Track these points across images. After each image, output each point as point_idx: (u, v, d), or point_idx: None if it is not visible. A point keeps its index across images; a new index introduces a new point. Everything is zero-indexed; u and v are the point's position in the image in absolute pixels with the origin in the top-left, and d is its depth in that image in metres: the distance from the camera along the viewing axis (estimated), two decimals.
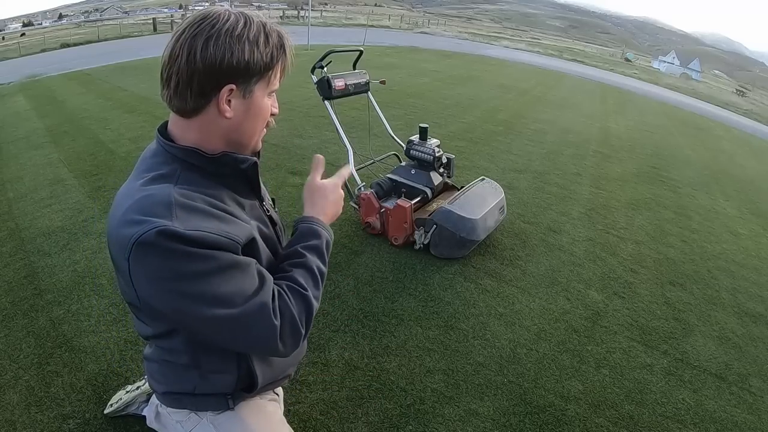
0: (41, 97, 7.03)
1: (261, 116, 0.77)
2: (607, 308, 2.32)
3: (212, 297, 0.66)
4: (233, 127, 0.74)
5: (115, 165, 3.72)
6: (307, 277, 0.80)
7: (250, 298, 0.69)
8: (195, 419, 0.91)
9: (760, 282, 2.86)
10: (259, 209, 0.87)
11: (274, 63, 0.73)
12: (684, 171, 5.32)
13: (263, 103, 0.76)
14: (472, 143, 4.96)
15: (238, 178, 0.80)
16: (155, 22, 24.87)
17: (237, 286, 0.68)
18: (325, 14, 42.35)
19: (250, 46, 0.68)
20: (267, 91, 0.75)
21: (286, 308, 0.73)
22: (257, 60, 0.70)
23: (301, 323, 0.75)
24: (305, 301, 0.77)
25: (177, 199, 0.66)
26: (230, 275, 0.67)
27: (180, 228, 0.63)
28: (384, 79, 3.40)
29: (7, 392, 1.55)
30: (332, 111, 2.74)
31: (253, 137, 0.79)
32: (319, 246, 0.84)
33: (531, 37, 54.43)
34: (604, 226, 3.28)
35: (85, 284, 2.17)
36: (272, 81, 0.75)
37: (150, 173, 0.72)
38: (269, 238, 0.86)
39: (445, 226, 2.45)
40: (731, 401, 1.82)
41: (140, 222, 0.63)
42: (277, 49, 0.72)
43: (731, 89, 42.51)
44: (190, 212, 0.67)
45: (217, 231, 0.67)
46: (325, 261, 0.85)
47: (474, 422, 1.58)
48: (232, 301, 0.67)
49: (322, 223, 0.87)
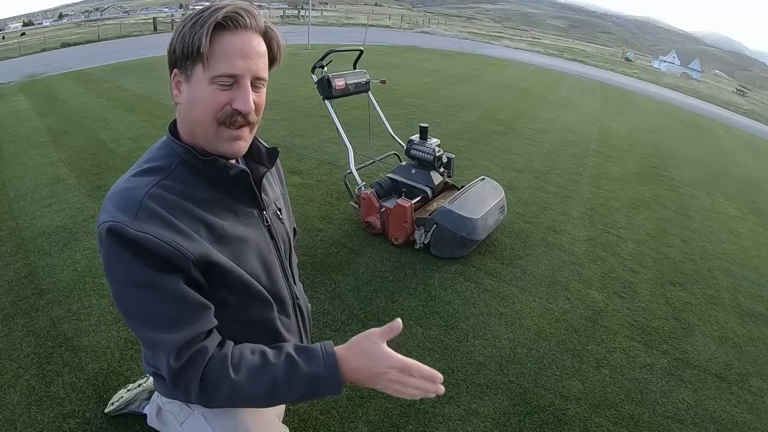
0: (41, 97, 7.03)
1: (202, 104, 0.71)
2: (607, 308, 2.32)
3: (131, 304, 0.69)
4: (183, 114, 0.76)
5: (116, 164, 3.72)
6: (256, 372, 0.70)
7: (161, 329, 0.68)
8: (187, 411, 0.93)
9: (760, 282, 2.86)
10: (258, 218, 0.85)
11: (197, 41, 0.67)
12: (684, 171, 5.32)
13: (202, 90, 0.70)
14: (472, 143, 4.96)
15: (232, 184, 0.79)
16: (155, 22, 24.87)
17: (152, 306, 0.68)
18: (325, 14, 42.35)
19: (181, 29, 0.70)
20: (207, 75, 0.69)
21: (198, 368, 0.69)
22: (182, 42, 0.69)
23: (204, 389, 0.69)
24: (226, 381, 0.69)
25: (145, 201, 0.68)
26: (152, 293, 0.68)
27: (130, 228, 0.65)
28: (384, 78, 3.40)
29: (7, 392, 1.55)
30: (332, 110, 2.74)
31: (200, 128, 0.73)
32: (308, 378, 0.70)
33: (531, 37, 54.39)
34: (604, 226, 3.28)
35: (85, 284, 2.17)
36: (210, 65, 0.69)
37: (147, 164, 0.76)
38: (262, 249, 0.85)
39: (445, 225, 2.45)
40: (731, 401, 1.82)
41: (104, 212, 0.68)
42: (202, 27, 0.67)
43: (731, 89, 42.48)
44: (152, 216, 0.68)
45: (167, 240, 0.67)
46: (292, 392, 0.71)
47: (474, 422, 1.58)
48: (142, 318, 0.70)
49: (339, 375, 0.71)
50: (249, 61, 0.71)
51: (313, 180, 3.51)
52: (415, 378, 0.68)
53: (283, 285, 0.92)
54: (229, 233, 0.77)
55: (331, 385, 0.70)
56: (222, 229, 0.76)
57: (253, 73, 0.72)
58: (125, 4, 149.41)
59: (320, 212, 2.99)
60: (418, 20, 49.56)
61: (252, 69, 0.71)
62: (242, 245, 0.80)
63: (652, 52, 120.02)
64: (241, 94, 0.71)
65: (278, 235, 0.91)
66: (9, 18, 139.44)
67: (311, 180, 3.51)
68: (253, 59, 0.71)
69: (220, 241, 0.75)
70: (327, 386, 0.70)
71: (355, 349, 0.71)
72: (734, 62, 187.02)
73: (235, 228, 0.79)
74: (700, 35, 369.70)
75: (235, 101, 0.71)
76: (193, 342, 0.69)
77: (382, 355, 0.69)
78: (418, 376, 0.68)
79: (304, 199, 3.15)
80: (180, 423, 0.93)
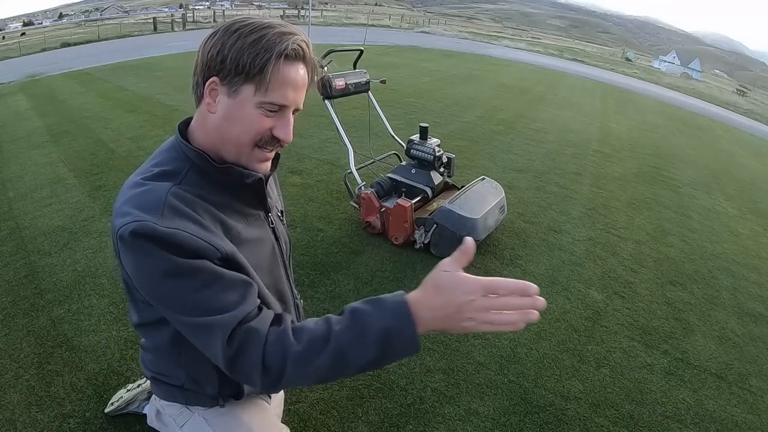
0: (41, 97, 7.03)
1: (243, 124, 0.70)
2: (607, 308, 2.32)
3: (171, 298, 0.66)
4: (215, 125, 0.73)
5: (116, 164, 3.71)
6: (319, 340, 0.63)
7: (208, 313, 0.64)
8: (187, 414, 0.93)
9: (760, 282, 2.86)
10: (264, 220, 0.86)
11: (259, 65, 0.66)
12: (684, 171, 5.32)
13: (247, 110, 0.69)
14: (472, 143, 4.96)
15: (244, 190, 0.80)
16: (155, 22, 24.83)
17: (193, 293, 0.65)
18: (325, 14, 42.33)
19: (240, 43, 0.67)
20: (256, 99, 0.69)
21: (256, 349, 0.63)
22: (237, 57, 0.66)
23: (267, 372, 0.63)
24: (289, 357, 0.63)
25: (169, 200, 0.67)
26: (190, 280, 0.65)
27: (159, 225, 0.64)
28: (384, 78, 3.40)
29: (7, 391, 1.55)
30: (332, 110, 2.74)
31: (234, 146, 0.73)
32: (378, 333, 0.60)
33: (531, 37, 54.39)
34: (604, 226, 3.28)
35: (85, 283, 2.17)
36: (265, 91, 0.68)
37: (158, 168, 0.74)
38: (270, 251, 0.86)
39: (445, 225, 2.45)
40: (731, 401, 1.82)
41: (126, 214, 0.66)
42: (265, 52, 0.66)
43: (732, 89, 42.49)
44: (178, 214, 0.67)
45: (197, 234, 0.66)
46: (363, 353, 0.61)
47: (474, 422, 1.58)
48: (186, 308, 0.66)
49: (413, 326, 0.60)
50: (298, 93, 0.72)
51: (313, 180, 3.51)
52: (505, 297, 0.57)
53: (286, 284, 0.93)
54: (243, 235, 0.78)
55: (405, 339, 0.60)
56: (237, 231, 0.76)
57: (297, 105, 0.73)
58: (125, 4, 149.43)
59: (320, 212, 2.99)
60: (418, 20, 49.57)
61: (297, 101, 0.72)
62: (256, 247, 0.81)
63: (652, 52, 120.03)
64: (284, 123, 0.72)
65: (281, 236, 0.92)
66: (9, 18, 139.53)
67: (311, 180, 3.51)
68: (301, 92, 0.72)
69: (236, 243, 0.75)
70: (400, 341, 0.60)
71: (428, 286, 0.60)
72: (734, 62, 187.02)
73: (247, 230, 0.80)
74: (700, 35, 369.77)
75: (278, 129, 0.72)
76: (245, 321, 0.65)
77: (459, 281, 0.57)
78: (505, 293, 0.57)
79: (304, 199, 3.15)
80: (180, 426, 0.93)
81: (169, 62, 9.90)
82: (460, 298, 0.57)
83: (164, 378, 0.90)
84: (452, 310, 0.58)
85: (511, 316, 0.57)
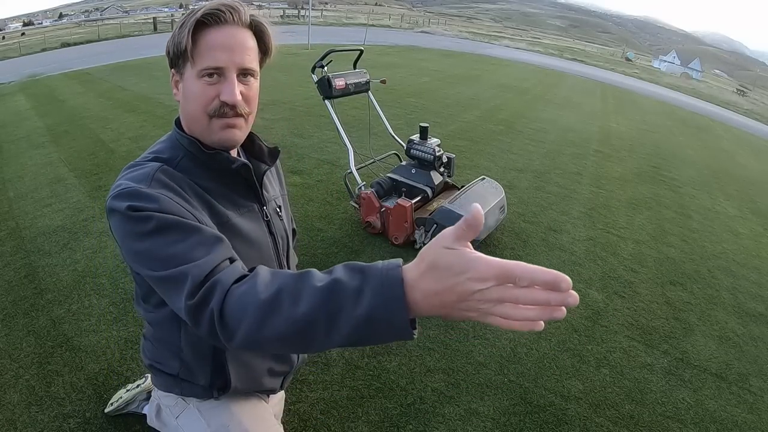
0: (41, 97, 7.03)
1: (193, 99, 0.74)
2: (607, 308, 2.32)
3: (147, 253, 0.66)
4: (182, 110, 0.79)
5: (116, 164, 3.71)
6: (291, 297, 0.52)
7: (178, 265, 0.62)
8: (182, 405, 0.94)
9: (760, 282, 2.86)
10: (258, 213, 0.87)
11: (184, 41, 0.70)
12: (684, 170, 5.32)
13: (192, 86, 0.73)
14: (472, 142, 4.96)
15: (234, 178, 0.82)
16: (155, 21, 24.87)
17: (171, 248, 0.64)
18: (325, 14, 42.34)
19: (174, 31, 0.73)
20: (195, 71, 0.72)
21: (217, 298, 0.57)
22: (173, 43, 0.73)
23: (224, 323, 0.56)
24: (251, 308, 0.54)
25: (157, 174, 0.71)
26: (165, 235, 0.65)
27: (144, 189, 0.67)
28: (384, 78, 3.40)
29: (7, 391, 1.55)
30: (333, 110, 2.74)
31: (196, 123, 0.76)
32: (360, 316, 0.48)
33: (531, 37, 54.39)
34: (604, 226, 3.28)
35: (85, 283, 2.17)
36: (196, 60, 0.71)
37: (153, 154, 0.78)
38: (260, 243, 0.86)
39: (445, 225, 2.43)
40: (731, 401, 1.82)
41: (116, 186, 0.70)
42: (184, 26, 0.71)
43: (732, 89, 42.48)
44: (164, 186, 0.71)
45: (179, 203, 0.69)
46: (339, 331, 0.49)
47: (474, 421, 1.58)
48: (159, 262, 0.64)
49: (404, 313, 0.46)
50: (233, 53, 0.72)
51: (313, 180, 3.51)
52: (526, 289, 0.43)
53: None
54: (231, 222, 0.80)
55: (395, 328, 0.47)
56: (226, 216, 0.79)
57: (238, 65, 0.73)
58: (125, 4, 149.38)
59: (320, 212, 2.99)
60: (418, 20, 49.56)
61: (236, 61, 0.72)
62: (242, 236, 0.82)
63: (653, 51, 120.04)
64: (226, 86, 0.72)
65: (277, 232, 0.93)
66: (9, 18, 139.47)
67: (311, 180, 3.51)
68: (237, 51, 0.72)
69: (223, 227, 0.76)
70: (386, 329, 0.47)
71: (424, 264, 0.46)
72: (734, 62, 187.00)
73: (236, 219, 0.81)
74: (701, 35, 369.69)
75: (222, 93, 0.72)
76: (213, 273, 0.61)
77: (467, 264, 0.43)
78: (529, 284, 0.43)
79: (304, 199, 3.15)
80: (175, 417, 0.95)
81: None
82: (465, 286, 0.43)
83: (161, 366, 0.93)
84: (451, 298, 0.44)
85: (531, 311, 0.43)
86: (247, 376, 0.92)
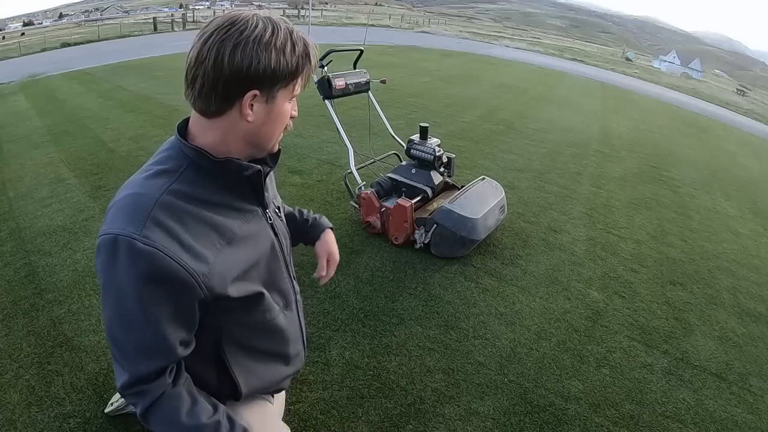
0: (42, 97, 7.04)
1: (281, 121, 0.78)
2: (607, 308, 2.32)
3: (117, 311, 0.71)
4: (253, 131, 0.76)
5: (116, 164, 3.71)
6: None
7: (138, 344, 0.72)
8: None
9: (760, 281, 2.86)
10: (261, 216, 0.87)
11: (299, 71, 0.73)
12: (684, 170, 5.32)
13: (284, 109, 0.77)
14: (472, 142, 4.96)
15: (242, 184, 0.81)
16: (155, 21, 24.85)
17: (135, 323, 0.70)
18: (325, 13, 42.33)
19: (276, 55, 0.69)
20: (289, 96, 0.76)
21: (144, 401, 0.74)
22: (282, 68, 0.70)
23: (144, 416, 0.75)
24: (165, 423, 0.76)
25: (155, 213, 0.68)
26: (141, 310, 0.69)
27: (137, 240, 0.66)
28: (385, 78, 3.40)
29: (7, 391, 1.55)
30: (333, 110, 2.74)
31: (271, 140, 0.80)
32: None
33: (531, 37, 54.37)
34: (604, 226, 3.28)
35: (85, 284, 2.17)
36: (295, 88, 0.76)
37: (156, 166, 0.75)
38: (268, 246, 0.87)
39: (445, 225, 2.45)
40: (731, 401, 1.82)
41: (108, 222, 0.69)
42: (302, 58, 0.73)
43: (732, 89, 42.50)
44: (161, 227, 0.68)
45: (175, 256, 0.68)
46: None
47: (474, 421, 1.58)
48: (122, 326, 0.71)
49: None
50: None
51: (313, 180, 3.51)
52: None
53: (286, 280, 0.94)
54: (238, 234, 0.79)
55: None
56: (232, 231, 0.78)
57: None
58: (125, 4, 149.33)
59: (320, 212, 2.98)
60: (419, 20, 49.53)
61: None
62: (252, 243, 0.82)
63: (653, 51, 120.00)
64: (295, 105, 0.81)
65: (280, 232, 0.93)
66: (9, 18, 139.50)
67: (311, 180, 3.51)
68: None
69: (231, 243, 0.76)
70: None
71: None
72: (734, 62, 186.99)
73: (243, 228, 0.81)
74: (701, 35, 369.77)
75: (294, 110, 0.81)
76: (156, 375, 0.73)
77: None
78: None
79: (304, 199, 3.15)
80: None
81: (169, 62, 9.90)
82: None
83: None
84: None
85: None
86: (255, 381, 0.91)
